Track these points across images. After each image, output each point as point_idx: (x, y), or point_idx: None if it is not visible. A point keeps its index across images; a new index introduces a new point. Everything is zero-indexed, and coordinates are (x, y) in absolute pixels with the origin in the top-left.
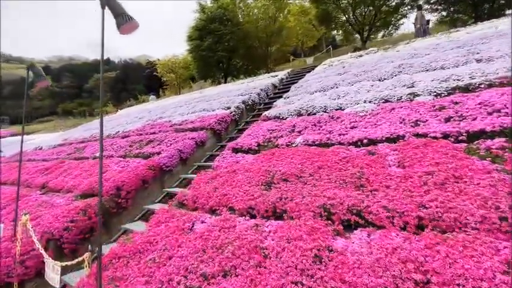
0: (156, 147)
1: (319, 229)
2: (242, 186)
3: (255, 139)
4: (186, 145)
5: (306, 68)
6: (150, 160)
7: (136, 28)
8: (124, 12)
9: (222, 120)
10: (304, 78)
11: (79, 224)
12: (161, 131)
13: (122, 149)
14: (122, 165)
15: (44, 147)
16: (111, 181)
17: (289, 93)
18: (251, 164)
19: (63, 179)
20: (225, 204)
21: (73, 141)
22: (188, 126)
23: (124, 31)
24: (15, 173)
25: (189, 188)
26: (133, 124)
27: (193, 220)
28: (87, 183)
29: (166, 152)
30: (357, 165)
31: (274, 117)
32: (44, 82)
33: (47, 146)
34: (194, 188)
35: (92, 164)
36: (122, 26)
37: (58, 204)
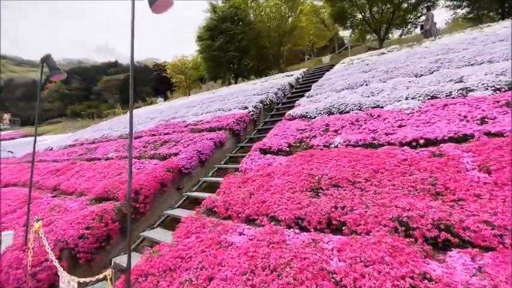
0: (172, 148)
1: (403, 249)
2: (283, 192)
3: (284, 139)
4: (205, 146)
5: (322, 67)
6: (168, 162)
7: (171, 5)
8: None
9: (240, 120)
10: (324, 77)
11: (95, 231)
12: (176, 131)
13: (136, 150)
14: (137, 166)
15: (55, 148)
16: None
17: (312, 91)
18: (287, 167)
19: (76, 181)
20: (265, 213)
21: (84, 142)
22: (205, 126)
23: (157, 9)
24: (26, 173)
25: (218, 193)
26: (145, 124)
27: (229, 231)
28: (101, 186)
29: (185, 153)
30: (424, 169)
31: (301, 116)
32: (59, 75)
33: (57, 146)
34: (224, 193)
35: (105, 165)
36: (155, 4)
37: (71, 208)
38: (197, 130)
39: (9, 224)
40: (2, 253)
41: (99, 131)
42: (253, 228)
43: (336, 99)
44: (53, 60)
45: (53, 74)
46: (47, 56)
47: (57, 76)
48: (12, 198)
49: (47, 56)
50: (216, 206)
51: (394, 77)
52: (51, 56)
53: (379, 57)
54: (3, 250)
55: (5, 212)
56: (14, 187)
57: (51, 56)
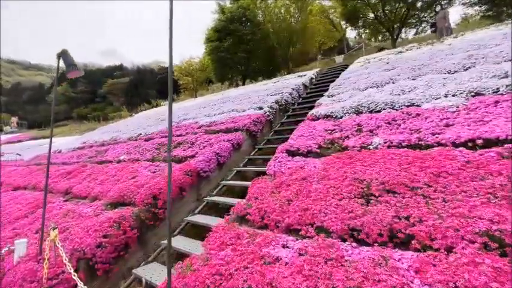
0: (187, 150)
1: (507, 272)
2: (327, 198)
3: (312, 140)
4: (223, 148)
5: (335, 67)
6: (185, 164)
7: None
8: None
9: (257, 120)
10: (342, 76)
11: (113, 239)
12: (189, 132)
13: (149, 152)
14: (152, 169)
15: (64, 150)
16: (147, 188)
17: (331, 90)
18: (324, 170)
19: (88, 184)
20: (309, 223)
21: (93, 144)
22: (220, 127)
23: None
24: (36, 176)
25: (249, 199)
26: (156, 126)
27: (271, 243)
28: (116, 190)
29: (202, 155)
30: (497, 172)
31: (325, 116)
32: (75, 72)
33: (66, 149)
34: (256, 199)
35: (118, 168)
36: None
37: (86, 214)
38: (212, 131)
39: (21, 231)
40: (15, 263)
41: (107, 133)
42: (299, 241)
43: (362, 98)
44: (69, 56)
45: (70, 71)
46: (63, 52)
47: (74, 73)
48: (23, 202)
49: (63, 51)
50: (249, 213)
51: (424, 74)
52: (68, 52)
53: (398, 56)
54: (17, 260)
55: (16, 217)
56: (23, 190)
57: (67, 52)
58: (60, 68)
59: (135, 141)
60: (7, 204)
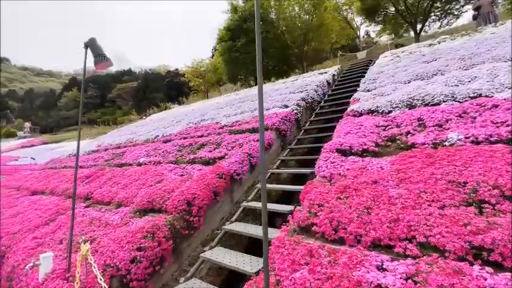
0: (214, 151)
1: None
2: (422, 206)
3: (365, 138)
4: (255, 148)
5: (358, 63)
6: (216, 166)
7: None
8: None
9: (285, 119)
10: (371, 71)
11: (148, 252)
12: (211, 133)
13: (171, 154)
14: (178, 172)
15: None
16: (179, 193)
17: (366, 85)
18: (400, 172)
19: (110, 189)
20: (406, 237)
21: (108, 147)
22: (245, 127)
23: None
24: (53, 181)
25: (310, 207)
26: (173, 128)
27: (362, 264)
28: (144, 195)
29: (234, 156)
30: None
31: (370, 111)
32: (104, 64)
33: (80, 152)
34: (321, 206)
35: (141, 172)
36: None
37: (113, 222)
38: (236, 131)
39: (43, 240)
40: (41, 281)
41: (121, 136)
42: (398, 261)
43: (411, 90)
44: (97, 45)
45: (98, 62)
46: (91, 40)
47: (103, 64)
48: (42, 208)
49: (91, 40)
50: (315, 223)
51: (479, 64)
52: (96, 40)
53: (432, 48)
54: (43, 277)
55: (36, 225)
56: (41, 195)
57: (95, 40)
58: (69, 74)
59: (152, 143)
60: (26, 210)
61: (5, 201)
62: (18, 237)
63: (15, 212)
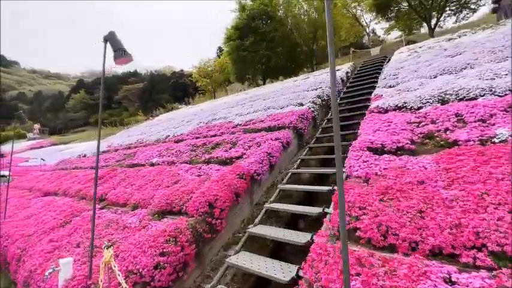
0: (230, 150)
1: None
2: (487, 210)
3: (397, 135)
4: (274, 147)
5: (372, 59)
6: (236, 166)
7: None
8: None
9: (302, 117)
10: (389, 67)
11: (171, 258)
12: (224, 132)
13: (184, 154)
14: (195, 172)
15: (88, 154)
16: (200, 195)
17: (387, 81)
18: (449, 171)
19: (125, 190)
20: (473, 245)
21: (118, 148)
22: (261, 125)
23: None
24: (65, 182)
25: (351, 210)
26: (183, 128)
27: (426, 276)
28: (161, 196)
29: (254, 155)
30: None
31: (397, 107)
32: (124, 59)
33: (90, 153)
34: (364, 209)
35: (156, 172)
36: None
37: (131, 225)
38: (251, 130)
39: (60, 243)
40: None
41: (130, 137)
42: (469, 274)
43: (440, 85)
44: (117, 39)
45: (118, 57)
46: (110, 34)
47: (123, 59)
48: (56, 209)
49: (110, 33)
50: (359, 228)
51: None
52: (115, 34)
53: (453, 42)
54: (62, 284)
55: (52, 227)
56: (54, 196)
57: (115, 34)
58: (76, 77)
59: (164, 143)
60: (40, 212)
61: (18, 202)
62: (33, 240)
63: (29, 213)
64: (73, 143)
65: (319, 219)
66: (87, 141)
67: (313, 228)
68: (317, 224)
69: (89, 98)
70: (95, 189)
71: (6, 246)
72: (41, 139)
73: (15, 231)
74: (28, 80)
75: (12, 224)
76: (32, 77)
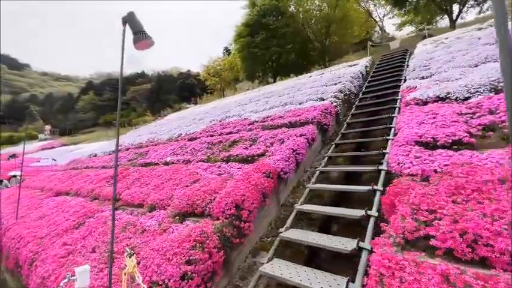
0: (251, 148)
1: None
2: None
3: (448, 128)
4: (300, 144)
5: (391, 53)
6: (261, 164)
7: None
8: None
9: (326, 112)
10: (416, 59)
11: (199, 266)
12: (240, 129)
13: (200, 152)
14: (214, 171)
15: (99, 154)
16: (225, 195)
17: (417, 73)
18: None
19: (139, 190)
20: None
21: (129, 147)
22: (280, 121)
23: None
24: (77, 182)
25: (416, 214)
26: (195, 126)
27: None
28: (181, 197)
29: (280, 152)
30: None
31: (439, 98)
32: (145, 42)
33: (101, 152)
34: (434, 213)
35: (172, 171)
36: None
37: (150, 228)
38: (270, 126)
39: (74, 247)
40: None
41: (141, 136)
42: None
43: (488, 73)
44: (137, 21)
45: (138, 40)
46: (129, 15)
47: (143, 43)
48: (69, 210)
49: (129, 14)
50: (434, 236)
51: None
52: (135, 15)
53: (485, 31)
54: None
55: (65, 229)
56: (65, 196)
57: (134, 15)
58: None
59: (176, 142)
60: (52, 212)
61: (30, 202)
62: (46, 243)
63: (41, 214)
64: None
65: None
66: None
67: (349, 232)
68: (354, 228)
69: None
70: (114, 190)
71: (19, 249)
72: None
73: (27, 232)
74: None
75: (24, 224)
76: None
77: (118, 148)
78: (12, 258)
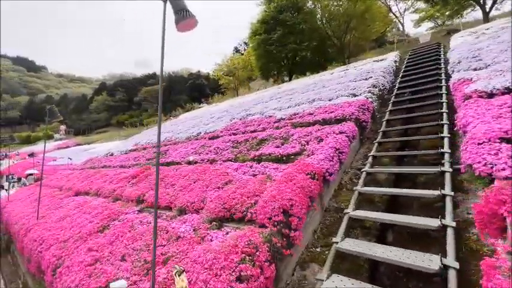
0: (283, 146)
1: None
2: None
3: None
4: (342, 142)
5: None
6: (303, 165)
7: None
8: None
9: (364, 108)
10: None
11: (251, 284)
12: (266, 127)
13: (225, 151)
14: (246, 171)
15: (115, 153)
16: (270, 199)
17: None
18: None
19: (166, 191)
20: None
21: (146, 146)
22: (312, 118)
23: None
24: (96, 181)
25: None
26: (214, 124)
27: None
28: (215, 199)
29: (322, 152)
30: None
31: (507, 89)
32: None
33: (117, 151)
34: None
35: (199, 171)
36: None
37: (185, 235)
38: (300, 124)
39: (101, 254)
40: None
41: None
42: None
43: None
44: None
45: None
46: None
47: (186, 22)
48: (91, 211)
49: None
50: None
51: None
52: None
53: None
54: None
55: (89, 232)
56: (85, 196)
57: None
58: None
59: (196, 140)
60: (74, 213)
61: (50, 201)
62: (69, 247)
63: (63, 214)
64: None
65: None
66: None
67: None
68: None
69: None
70: (156, 196)
71: (41, 252)
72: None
73: (49, 235)
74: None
75: (45, 225)
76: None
77: (135, 148)
78: (34, 262)
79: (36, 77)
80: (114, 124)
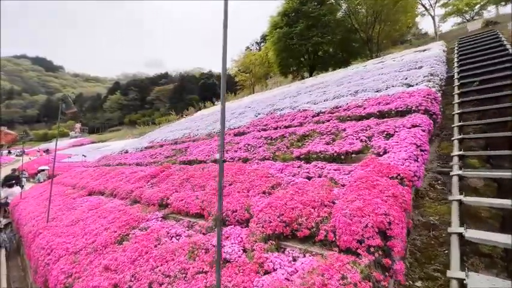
0: (336, 143)
1: None
2: None
3: None
4: (421, 138)
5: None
6: (377, 165)
7: None
8: None
9: (430, 97)
10: None
11: None
12: (303, 122)
13: (260, 148)
14: (295, 172)
15: (130, 150)
16: (355, 212)
17: None
18: None
19: (194, 194)
20: None
21: (163, 143)
22: (363, 111)
23: None
24: (111, 179)
25: None
26: (238, 120)
27: None
28: (265, 209)
29: (401, 150)
30: None
31: None
32: None
33: (132, 148)
34: None
35: (234, 171)
36: None
37: (233, 257)
38: (348, 117)
39: (121, 277)
40: None
41: (173, 132)
42: None
43: None
44: None
45: None
46: None
47: None
48: (107, 215)
49: None
50: None
51: None
52: None
53: None
54: None
55: (104, 243)
56: (100, 196)
57: None
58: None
59: (218, 137)
60: (87, 217)
61: (61, 202)
62: (81, 261)
63: (75, 218)
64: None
65: None
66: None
67: None
68: None
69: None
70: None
71: (48, 265)
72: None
73: (59, 242)
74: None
75: (56, 230)
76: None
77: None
78: (40, 275)
79: (54, 76)
80: (127, 123)
